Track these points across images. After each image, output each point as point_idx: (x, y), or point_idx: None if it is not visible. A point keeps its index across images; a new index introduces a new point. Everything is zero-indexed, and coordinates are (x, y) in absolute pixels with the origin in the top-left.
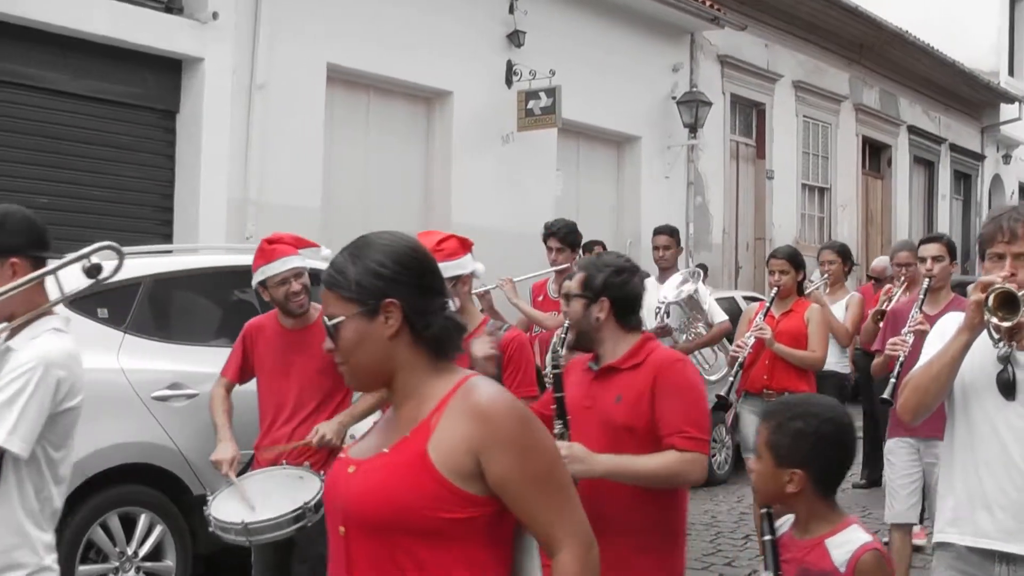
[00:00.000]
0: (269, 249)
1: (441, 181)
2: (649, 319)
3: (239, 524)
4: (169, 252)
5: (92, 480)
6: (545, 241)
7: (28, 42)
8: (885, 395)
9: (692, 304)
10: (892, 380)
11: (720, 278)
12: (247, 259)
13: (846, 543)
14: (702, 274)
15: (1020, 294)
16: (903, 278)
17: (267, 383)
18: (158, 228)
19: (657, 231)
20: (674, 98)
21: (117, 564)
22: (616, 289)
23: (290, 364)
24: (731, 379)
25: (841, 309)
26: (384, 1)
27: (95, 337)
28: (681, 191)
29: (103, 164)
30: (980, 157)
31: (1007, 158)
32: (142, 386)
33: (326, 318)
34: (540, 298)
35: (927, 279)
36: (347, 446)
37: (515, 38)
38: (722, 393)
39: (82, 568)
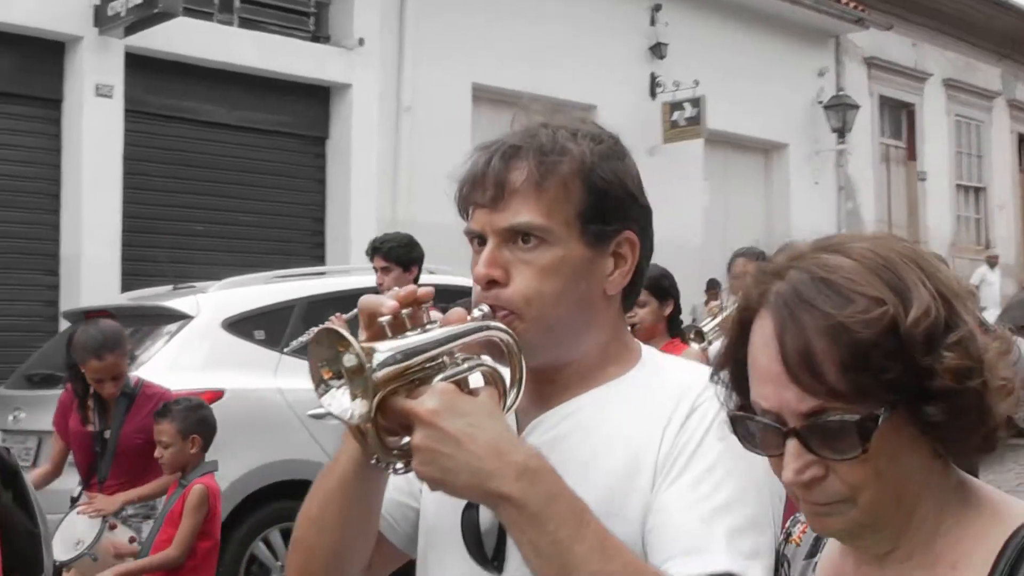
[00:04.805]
0: None
1: None
2: None
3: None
4: (322, 274)
5: (254, 496)
6: (371, 260)
7: (186, 77)
8: None
9: None
10: None
11: None
12: None
13: None
14: None
15: (360, 356)
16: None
17: None
18: (310, 251)
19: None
20: (820, 103)
21: None
22: None
23: None
24: None
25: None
26: (526, 19)
27: (253, 358)
28: (831, 197)
29: (257, 191)
30: None
31: None
32: (298, 405)
33: None
34: None
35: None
36: None
37: (657, 50)
38: None
39: None
